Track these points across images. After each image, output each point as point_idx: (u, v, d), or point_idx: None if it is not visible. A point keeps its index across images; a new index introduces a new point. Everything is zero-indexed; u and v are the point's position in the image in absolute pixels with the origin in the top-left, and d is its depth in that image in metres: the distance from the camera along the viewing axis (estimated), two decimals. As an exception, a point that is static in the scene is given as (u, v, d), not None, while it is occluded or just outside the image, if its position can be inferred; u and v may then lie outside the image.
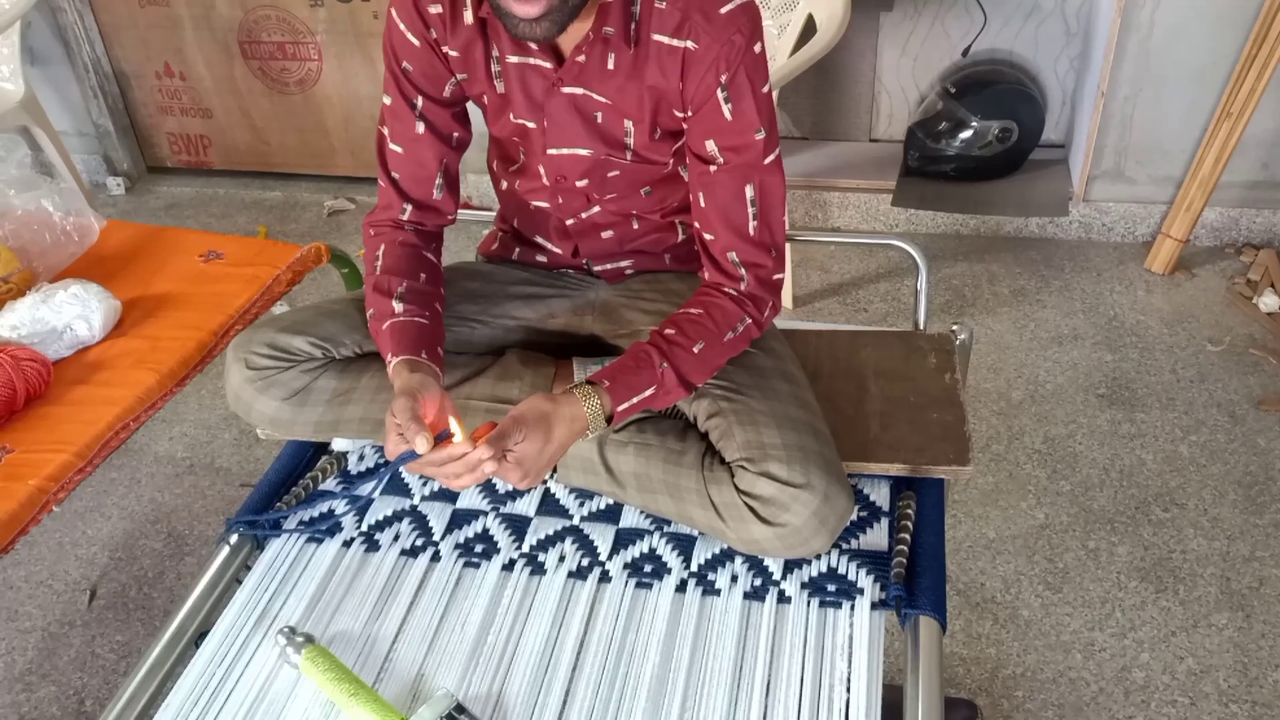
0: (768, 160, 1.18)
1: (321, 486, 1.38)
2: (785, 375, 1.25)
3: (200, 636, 1.21)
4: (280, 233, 3.15)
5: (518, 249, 1.42)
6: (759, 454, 1.13)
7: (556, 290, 1.39)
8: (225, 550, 1.30)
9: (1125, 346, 2.42)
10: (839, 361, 1.47)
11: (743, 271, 1.20)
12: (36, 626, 1.81)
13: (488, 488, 1.35)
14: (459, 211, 1.36)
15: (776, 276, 1.23)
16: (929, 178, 2.95)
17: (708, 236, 1.21)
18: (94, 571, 1.92)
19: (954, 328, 1.51)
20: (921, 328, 1.55)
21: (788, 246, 1.28)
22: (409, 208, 1.29)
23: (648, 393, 1.15)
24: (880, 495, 1.30)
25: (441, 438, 1.08)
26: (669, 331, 1.18)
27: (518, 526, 1.30)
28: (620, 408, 1.13)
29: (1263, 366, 2.32)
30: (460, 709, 1.07)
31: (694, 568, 1.22)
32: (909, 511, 1.24)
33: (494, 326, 1.36)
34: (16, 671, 1.74)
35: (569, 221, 1.34)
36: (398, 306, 1.21)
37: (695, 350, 1.17)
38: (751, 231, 1.19)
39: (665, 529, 1.27)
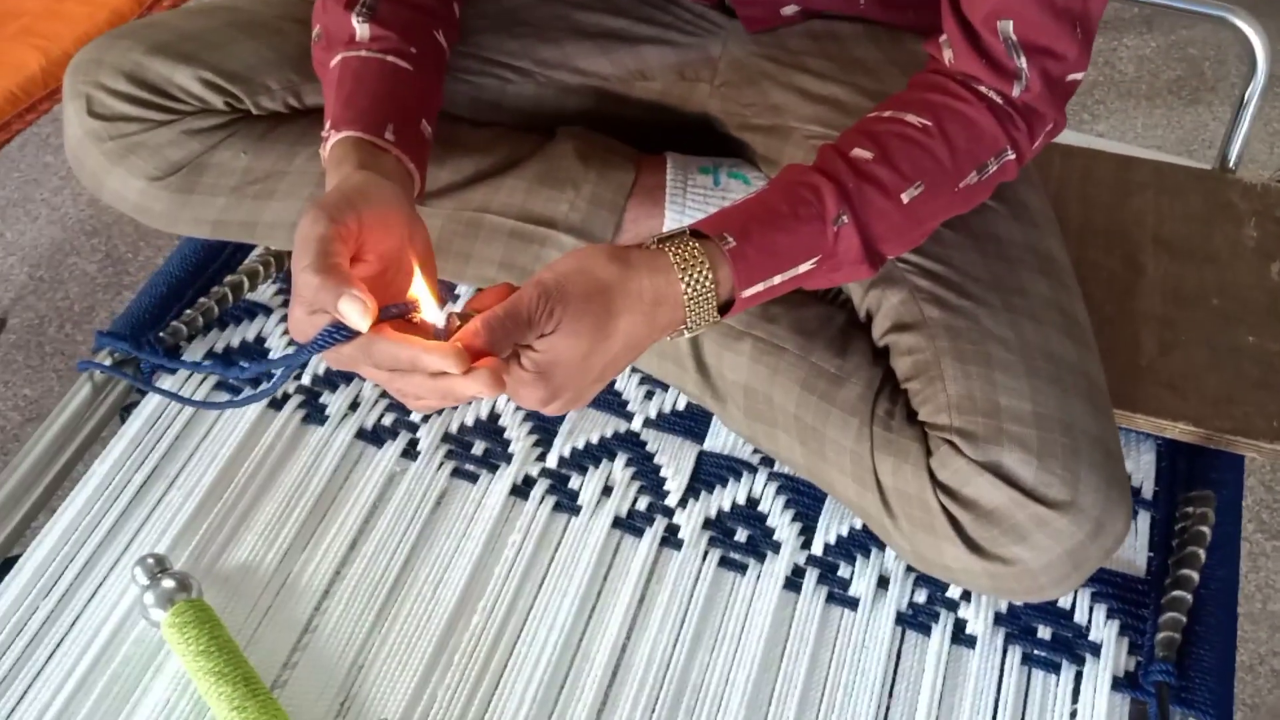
0: None
1: (249, 296, 0.89)
2: (1044, 262, 0.70)
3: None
4: None
5: (603, -57, 0.82)
6: (988, 426, 0.62)
7: (658, 30, 0.80)
8: (85, 391, 0.83)
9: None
10: (1095, 208, 0.90)
11: (1022, 61, 0.62)
12: (-65, 358, 1.42)
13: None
14: None
15: (1073, 76, 0.65)
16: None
17: (967, -13, 0.62)
18: (8, 293, 1.49)
19: (1287, 175, 0.93)
20: (1232, 166, 0.96)
21: None
22: None
23: (803, 268, 0.61)
24: (1141, 468, 0.79)
25: (396, 314, 0.56)
26: (859, 153, 0.62)
27: (545, 422, 0.82)
28: (748, 292, 0.60)
29: None
30: (408, 760, 0.65)
31: (817, 549, 0.75)
32: (1202, 528, 0.73)
33: (543, 82, 0.79)
34: (-97, 415, 1.36)
35: (697, -96, 0.74)
36: (361, 28, 0.65)
37: (905, 198, 0.62)
38: (1055, -13, 0.60)
39: (778, 467, 0.79)
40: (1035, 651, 0.70)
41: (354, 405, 0.83)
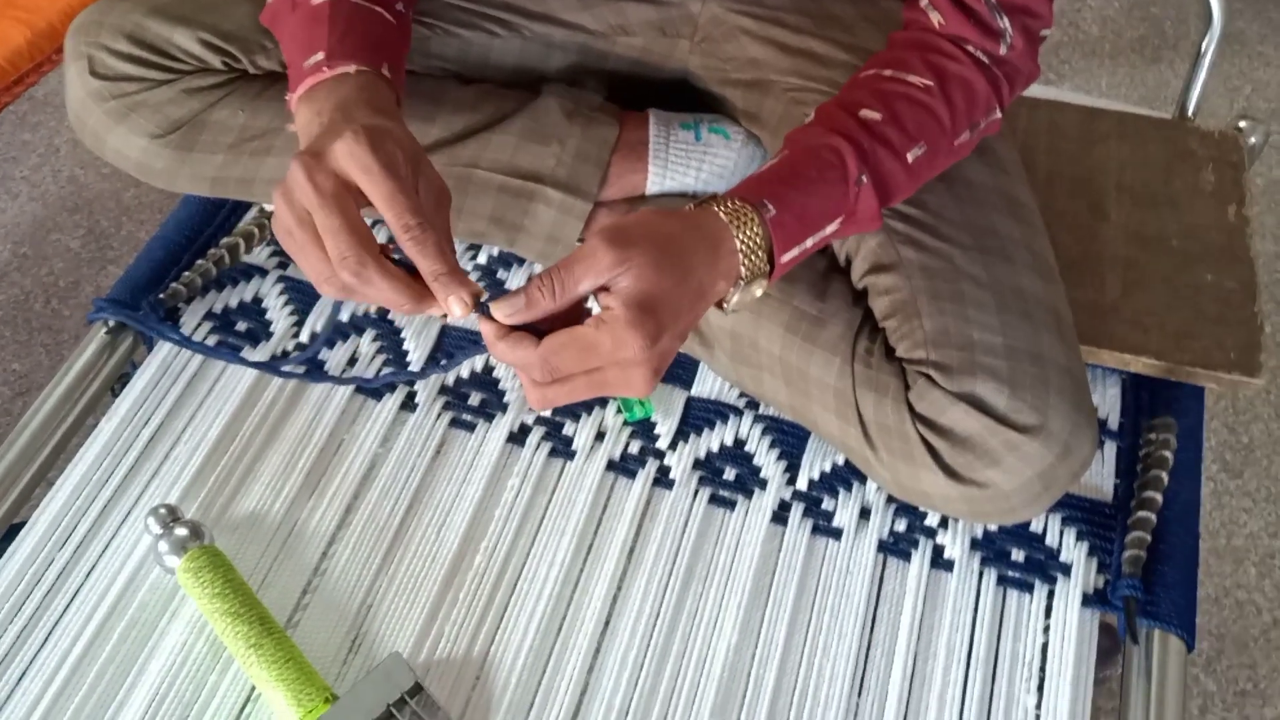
0: None
1: (245, 258, 0.91)
2: (1013, 205, 0.74)
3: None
4: None
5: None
6: (962, 359, 0.66)
7: (639, -12, 0.83)
8: (99, 340, 0.86)
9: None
10: (1061, 157, 0.94)
11: (1005, 22, 0.65)
12: (-78, 335, 1.43)
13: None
14: None
15: (1045, 31, 0.68)
16: None
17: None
18: (-8, 269, 1.50)
19: (1242, 124, 0.97)
20: (1191, 115, 1.00)
21: None
22: None
23: (829, 229, 0.63)
24: (1107, 401, 0.84)
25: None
26: (868, 114, 0.64)
27: (537, 372, 0.85)
28: (785, 256, 0.61)
29: None
30: (417, 689, 0.68)
31: (802, 484, 0.79)
32: (1164, 452, 0.77)
33: (529, 37, 0.81)
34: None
35: None
36: None
37: (910, 157, 0.64)
38: (1025, -56, 0.63)
39: (763, 410, 0.82)
40: (1010, 573, 0.74)
41: (352, 361, 0.85)
